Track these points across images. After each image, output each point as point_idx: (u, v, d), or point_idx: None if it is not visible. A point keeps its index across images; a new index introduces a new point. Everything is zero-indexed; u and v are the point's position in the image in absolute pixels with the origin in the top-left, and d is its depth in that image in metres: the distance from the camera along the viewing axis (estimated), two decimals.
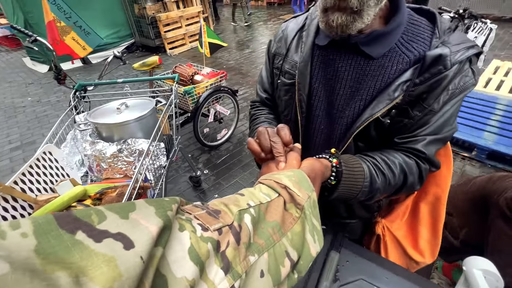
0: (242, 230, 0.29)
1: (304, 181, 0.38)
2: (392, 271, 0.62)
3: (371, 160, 0.55)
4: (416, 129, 0.55)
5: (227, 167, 2.38)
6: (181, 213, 0.28)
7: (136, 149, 1.19)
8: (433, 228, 0.75)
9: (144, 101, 1.35)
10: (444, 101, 0.52)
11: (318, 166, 0.47)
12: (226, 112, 2.49)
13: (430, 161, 0.57)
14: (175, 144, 1.52)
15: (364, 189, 0.53)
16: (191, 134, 2.78)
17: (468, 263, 0.36)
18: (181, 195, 2.09)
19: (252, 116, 0.80)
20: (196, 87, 2.24)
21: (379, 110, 0.53)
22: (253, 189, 0.37)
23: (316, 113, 0.64)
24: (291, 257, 0.32)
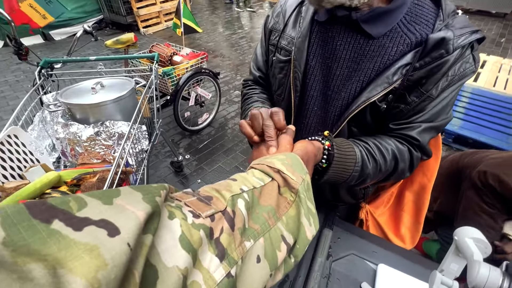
0: (236, 215, 0.28)
1: (297, 164, 0.38)
2: (380, 245, 0.65)
3: (363, 145, 0.55)
4: (412, 115, 0.55)
5: (209, 152, 2.34)
6: (170, 200, 0.27)
7: (116, 132, 1.12)
8: (415, 215, 0.79)
9: (122, 81, 1.25)
10: (442, 87, 0.51)
11: (311, 149, 0.46)
12: (207, 95, 2.41)
13: (422, 149, 0.57)
14: (156, 127, 1.45)
15: (355, 174, 0.53)
16: (171, 118, 2.67)
17: (459, 233, 0.39)
18: (162, 181, 2.03)
19: (244, 96, 0.77)
20: (176, 69, 2.13)
21: (376, 94, 0.53)
22: (246, 174, 0.36)
23: (310, 94, 0.63)
24: (287, 241, 0.32)
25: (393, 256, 0.63)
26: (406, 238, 0.80)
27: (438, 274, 0.41)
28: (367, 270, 0.60)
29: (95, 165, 1.14)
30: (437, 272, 0.42)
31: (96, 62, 1.50)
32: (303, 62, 0.60)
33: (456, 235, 0.40)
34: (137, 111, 1.09)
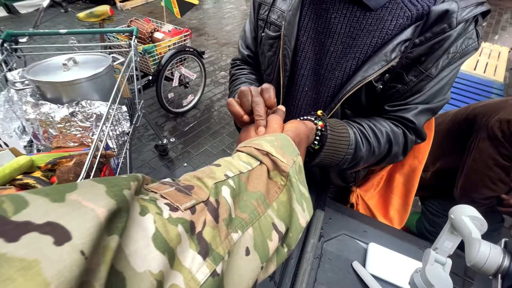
0: (220, 205, 0.25)
1: (288, 146, 0.35)
2: (371, 225, 0.65)
3: (357, 127, 0.53)
4: (408, 96, 0.52)
5: (195, 135, 2.28)
6: (144, 193, 0.23)
7: (93, 112, 1.04)
8: (405, 197, 0.79)
9: (97, 58, 1.15)
10: (442, 66, 0.48)
11: (303, 129, 0.43)
12: (192, 76, 2.30)
13: (417, 132, 0.56)
14: (138, 109, 1.36)
15: (348, 157, 0.51)
16: (154, 100, 2.56)
17: (455, 212, 0.38)
18: (146, 165, 1.97)
19: (232, 77, 0.72)
20: (157, 46, 2.00)
21: (374, 73, 0.49)
22: (231, 158, 0.33)
23: (301, 73, 0.58)
24: (278, 230, 0.29)
25: (383, 235, 0.64)
26: (395, 220, 0.81)
27: (432, 252, 0.41)
28: (358, 250, 0.61)
29: (72, 149, 1.07)
30: (430, 250, 0.42)
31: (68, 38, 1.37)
32: (293, 38, 0.55)
33: (452, 214, 0.39)
34: (115, 90, 1.01)
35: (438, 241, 0.41)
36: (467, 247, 0.33)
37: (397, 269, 0.57)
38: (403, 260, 0.58)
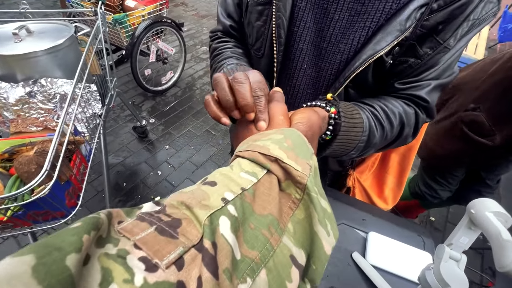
0: (219, 249, 0.18)
1: (301, 145, 0.28)
2: (369, 212, 0.63)
3: (369, 109, 0.46)
4: (422, 71, 0.45)
5: (176, 115, 2.15)
6: (112, 240, 0.17)
7: (56, 92, 0.90)
8: (399, 176, 0.77)
9: (56, 27, 0.98)
10: (461, 35, 0.42)
11: (315, 120, 0.35)
12: (170, 50, 2.12)
13: (430, 111, 0.50)
14: (110, 87, 1.22)
15: (360, 144, 0.45)
16: (130, 77, 2.36)
17: (477, 206, 0.34)
18: (124, 148, 1.84)
19: (213, 52, 0.60)
20: (130, 16, 1.79)
21: (386, 45, 0.42)
22: (229, 168, 0.26)
23: (298, 46, 0.50)
24: (298, 263, 0.22)
25: (382, 222, 0.61)
26: (389, 199, 0.80)
27: (446, 248, 0.38)
28: (358, 239, 0.58)
29: (34, 134, 0.94)
30: (444, 246, 0.38)
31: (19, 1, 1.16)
32: (288, 3, 0.46)
33: (472, 208, 0.36)
34: (81, 66, 0.87)
35: (453, 236, 0.38)
36: (497, 250, 0.30)
37: (398, 259, 0.55)
38: (404, 249, 0.56)
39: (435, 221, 1.63)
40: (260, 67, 0.56)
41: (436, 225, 1.61)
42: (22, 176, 0.70)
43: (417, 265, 0.54)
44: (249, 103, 0.32)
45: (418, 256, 0.56)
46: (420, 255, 0.56)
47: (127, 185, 1.63)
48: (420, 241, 0.59)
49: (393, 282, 0.50)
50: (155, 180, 1.68)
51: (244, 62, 0.54)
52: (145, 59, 2.19)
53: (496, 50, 3.38)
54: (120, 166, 1.73)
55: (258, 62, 0.56)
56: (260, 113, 0.34)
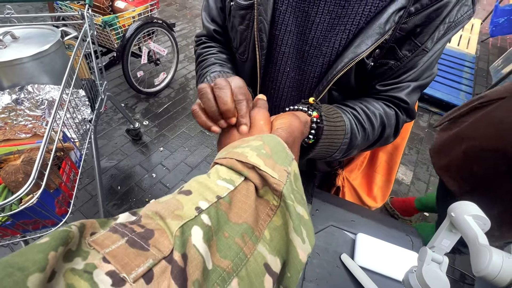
0: (189, 260, 0.18)
1: (279, 151, 0.28)
2: (358, 213, 0.63)
3: (351, 112, 0.47)
4: (402, 74, 0.46)
5: (170, 116, 2.13)
6: (82, 253, 0.17)
7: (43, 99, 0.89)
8: (387, 174, 0.78)
9: (42, 32, 0.97)
10: (438, 37, 0.42)
11: (297, 125, 0.36)
12: (162, 51, 2.10)
13: (409, 111, 0.51)
14: (100, 91, 1.21)
15: (343, 147, 0.45)
16: (122, 79, 2.33)
17: (456, 209, 0.35)
18: (118, 152, 1.83)
19: (198, 57, 0.60)
20: (120, 17, 1.77)
21: (367, 48, 0.42)
22: (206, 176, 0.26)
23: (281, 50, 0.50)
24: (273, 271, 0.23)
25: (371, 223, 0.62)
26: (378, 197, 0.81)
27: (429, 251, 0.38)
28: (346, 241, 0.58)
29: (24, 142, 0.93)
30: (427, 248, 0.39)
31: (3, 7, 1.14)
32: (270, 7, 0.46)
33: (452, 212, 0.36)
34: (68, 71, 0.86)
35: (435, 239, 0.38)
36: (474, 255, 0.30)
37: (386, 259, 0.55)
38: (392, 249, 0.57)
39: (429, 216, 1.65)
40: (245, 71, 0.56)
41: (430, 220, 1.63)
42: (10, 185, 0.70)
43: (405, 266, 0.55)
44: (230, 108, 0.33)
45: (406, 256, 0.56)
46: (408, 255, 0.56)
47: (122, 188, 1.63)
48: (409, 241, 0.60)
49: (381, 283, 0.51)
50: (150, 182, 1.67)
51: (228, 69, 0.55)
52: (137, 61, 2.17)
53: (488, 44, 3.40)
54: (114, 170, 1.72)
55: (242, 66, 0.56)
56: (242, 117, 0.34)
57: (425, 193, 1.76)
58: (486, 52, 3.29)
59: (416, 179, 1.84)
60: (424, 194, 1.76)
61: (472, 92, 2.42)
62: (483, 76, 2.86)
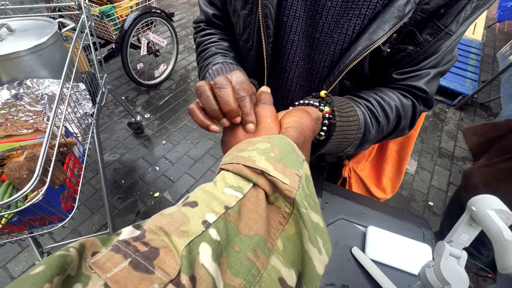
0: (198, 282, 0.17)
1: (289, 153, 0.26)
2: (368, 206, 0.62)
3: (365, 104, 0.44)
4: (421, 60, 0.42)
5: (172, 109, 2.11)
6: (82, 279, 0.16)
7: (43, 93, 0.88)
8: (398, 165, 0.76)
9: (39, 23, 0.94)
10: (464, 18, 0.39)
11: (308, 122, 0.33)
12: (162, 42, 2.06)
13: (428, 101, 0.48)
14: (101, 84, 1.19)
15: (355, 142, 0.43)
16: (122, 71, 2.30)
17: (478, 203, 0.33)
18: (121, 145, 1.82)
19: (198, 46, 0.57)
20: (117, 7, 1.72)
21: (384, 34, 0.39)
22: (213, 184, 0.24)
23: (289, 38, 0.47)
24: (288, 285, 0.21)
25: (382, 215, 0.61)
26: (387, 188, 0.80)
27: (447, 245, 0.37)
28: (357, 234, 0.57)
29: (26, 137, 0.92)
30: (445, 243, 0.38)
31: None
32: None
33: (473, 206, 0.35)
34: (67, 64, 0.84)
35: (453, 233, 0.37)
36: (498, 251, 0.29)
37: (397, 252, 0.55)
38: (403, 242, 0.56)
39: (434, 205, 1.65)
40: (250, 60, 0.53)
41: (434, 210, 1.63)
42: (14, 182, 0.69)
43: (417, 258, 0.54)
44: (233, 108, 0.31)
45: (417, 249, 0.56)
46: (420, 248, 0.56)
47: (126, 182, 1.63)
48: (420, 233, 0.59)
49: (393, 276, 0.50)
50: (154, 176, 1.67)
51: (230, 59, 0.52)
52: (136, 52, 2.13)
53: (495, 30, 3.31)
54: (117, 163, 1.72)
55: (247, 55, 0.53)
56: (246, 115, 0.32)
57: (429, 182, 1.76)
58: (493, 38, 3.21)
59: (421, 169, 1.83)
60: (429, 184, 1.75)
61: (477, 80, 2.38)
62: (489, 63, 2.81)
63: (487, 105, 2.34)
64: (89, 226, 1.41)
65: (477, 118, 2.24)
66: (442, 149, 1.98)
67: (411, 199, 1.67)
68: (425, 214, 1.61)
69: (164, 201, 1.55)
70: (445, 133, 2.10)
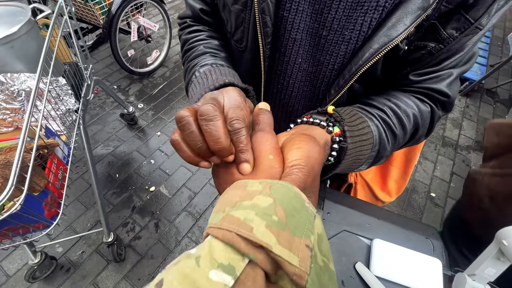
0: None
1: (297, 212, 0.20)
2: (373, 215, 0.57)
3: (379, 115, 0.38)
4: (443, 59, 0.37)
5: (166, 98, 2.03)
6: None
7: (19, 89, 0.80)
8: (404, 168, 0.71)
9: (8, 10, 0.85)
10: (497, 9, 0.32)
11: (316, 156, 0.26)
12: (153, 26, 1.93)
13: (447, 105, 0.42)
14: (86, 76, 1.10)
15: (368, 161, 0.37)
16: (113, 58, 2.19)
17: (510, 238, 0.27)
18: (113, 137, 1.75)
19: (184, 45, 0.49)
20: None
21: (405, 29, 0.32)
22: (195, 264, 0.17)
23: (291, 36, 0.39)
24: None
25: (388, 225, 0.56)
26: (393, 191, 0.75)
27: (468, 279, 0.32)
28: (361, 248, 0.53)
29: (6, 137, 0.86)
30: (465, 276, 0.33)
31: None
32: None
33: (505, 239, 0.29)
34: (44, 55, 0.76)
35: (477, 266, 0.32)
36: None
37: (405, 268, 0.50)
38: (411, 256, 0.52)
39: (436, 196, 1.61)
40: (243, 63, 0.46)
41: (436, 201, 1.60)
42: None
43: (426, 274, 0.50)
44: (223, 147, 0.24)
45: (426, 263, 0.51)
46: (429, 262, 0.51)
47: (120, 176, 1.58)
48: (429, 244, 0.55)
49: None
50: (149, 169, 1.62)
51: (221, 60, 0.44)
52: (127, 38, 2.02)
53: None
54: (111, 157, 1.66)
55: (240, 57, 0.46)
56: (241, 152, 0.26)
57: (432, 173, 1.72)
58: (502, 18, 3.05)
59: (424, 159, 1.79)
60: (431, 175, 1.71)
61: (486, 64, 2.28)
62: (498, 46, 2.68)
63: (494, 91, 2.26)
64: (83, 222, 1.38)
65: (483, 104, 2.17)
66: (446, 138, 1.92)
67: (413, 190, 1.63)
68: (426, 205, 1.58)
69: (160, 195, 1.51)
70: (450, 120, 2.03)
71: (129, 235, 1.36)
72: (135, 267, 1.26)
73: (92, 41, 1.95)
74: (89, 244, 1.31)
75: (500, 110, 2.13)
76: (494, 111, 2.12)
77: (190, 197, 1.51)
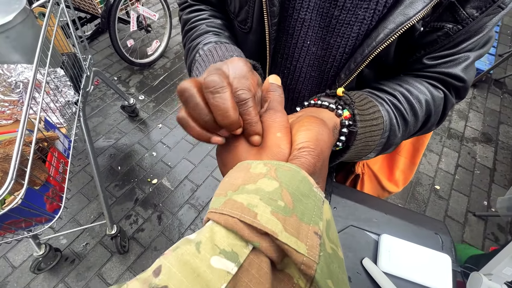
0: None
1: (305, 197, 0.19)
2: (381, 210, 0.56)
3: (390, 101, 0.36)
4: (461, 41, 0.34)
5: (167, 89, 2.00)
6: None
7: (17, 80, 0.78)
8: (412, 157, 0.69)
9: None
10: None
11: (325, 139, 0.24)
12: (153, 16, 1.89)
13: (462, 92, 0.40)
14: (85, 67, 1.08)
15: (377, 148, 0.36)
16: (112, 49, 2.15)
17: None
18: (115, 130, 1.74)
19: (184, 25, 0.47)
20: None
21: (424, 7, 0.30)
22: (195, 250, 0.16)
23: (299, 16, 0.37)
24: None
25: (396, 220, 0.55)
26: (400, 181, 0.74)
27: (484, 279, 0.31)
28: (368, 243, 0.52)
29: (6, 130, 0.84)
30: (481, 275, 0.31)
31: None
32: None
33: None
34: (41, 45, 0.74)
35: (494, 266, 0.31)
36: None
37: (413, 263, 0.49)
38: (419, 252, 0.50)
39: (440, 189, 1.60)
40: (248, 45, 0.44)
41: (440, 194, 1.58)
42: None
43: (435, 270, 0.49)
44: (232, 121, 0.22)
45: (435, 259, 0.50)
46: (438, 258, 0.50)
47: (122, 168, 1.57)
48: (438, 239, 0.53)
49: None
50: (151, 161, 1.62)
51: (225, 38, 0.42)
52: (126, 28, 1.98)
53: None
54: (113, 149, 1.66)
55: (244, 39, 0.44)
56: (250, 125, 0.24)
57: (437, 165, 1.69)
58: None
59: (428, 151, 1.76)
60: (436, 167, 1.69)
61: (495, 53, 2.21)
62: (508, 34, 2.60)
63: (502, 81, 2.20)
64: (87, 214, 1.39)
65: (491, 95, 2.12)
66: (451, 130, 1.89)
67: (417, 183, 1.62)
68: (430, 198, 1.56)
69: (162, 188, 1.51)
70: (456, 112, 1.99)
71: (132, 227, 1.36)
72: (139, 259, 1.27)
73: (91, 31, 1.91)
74: (93, 236, 1.32)
75: (507, 101, 2.08)
76: (502, 102, 2.08)
77: (192, 189, 1.51)
